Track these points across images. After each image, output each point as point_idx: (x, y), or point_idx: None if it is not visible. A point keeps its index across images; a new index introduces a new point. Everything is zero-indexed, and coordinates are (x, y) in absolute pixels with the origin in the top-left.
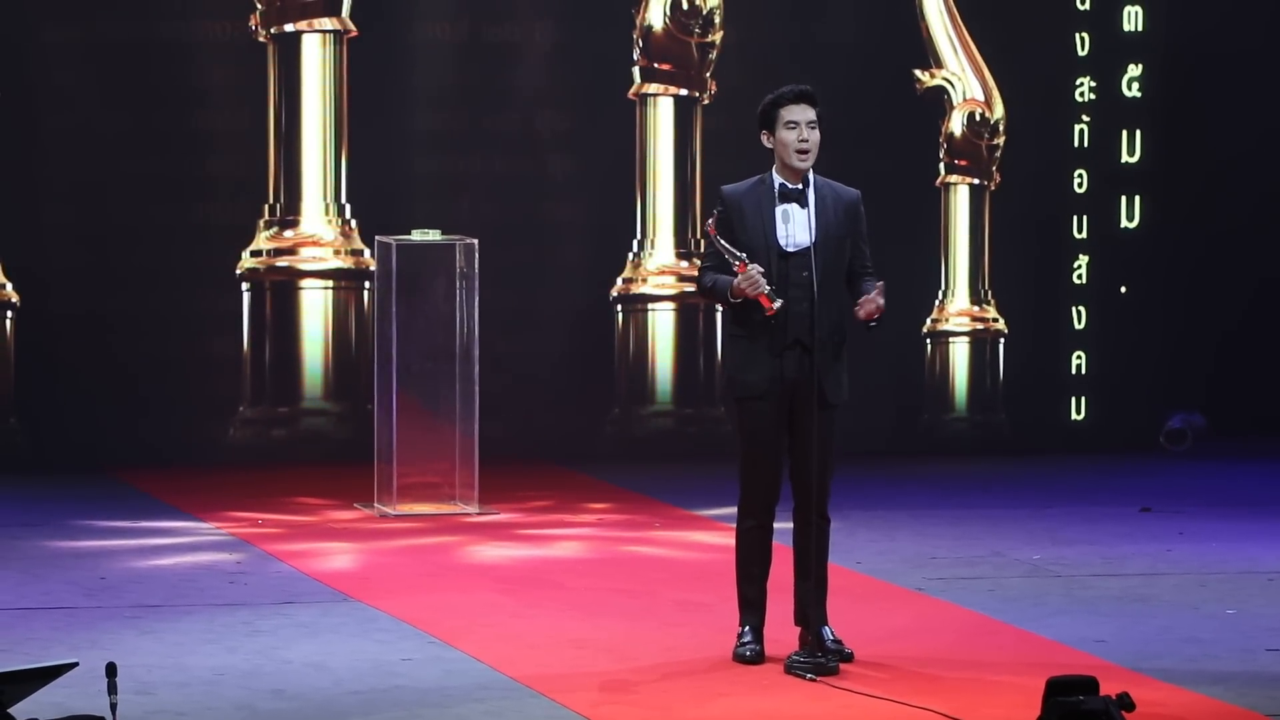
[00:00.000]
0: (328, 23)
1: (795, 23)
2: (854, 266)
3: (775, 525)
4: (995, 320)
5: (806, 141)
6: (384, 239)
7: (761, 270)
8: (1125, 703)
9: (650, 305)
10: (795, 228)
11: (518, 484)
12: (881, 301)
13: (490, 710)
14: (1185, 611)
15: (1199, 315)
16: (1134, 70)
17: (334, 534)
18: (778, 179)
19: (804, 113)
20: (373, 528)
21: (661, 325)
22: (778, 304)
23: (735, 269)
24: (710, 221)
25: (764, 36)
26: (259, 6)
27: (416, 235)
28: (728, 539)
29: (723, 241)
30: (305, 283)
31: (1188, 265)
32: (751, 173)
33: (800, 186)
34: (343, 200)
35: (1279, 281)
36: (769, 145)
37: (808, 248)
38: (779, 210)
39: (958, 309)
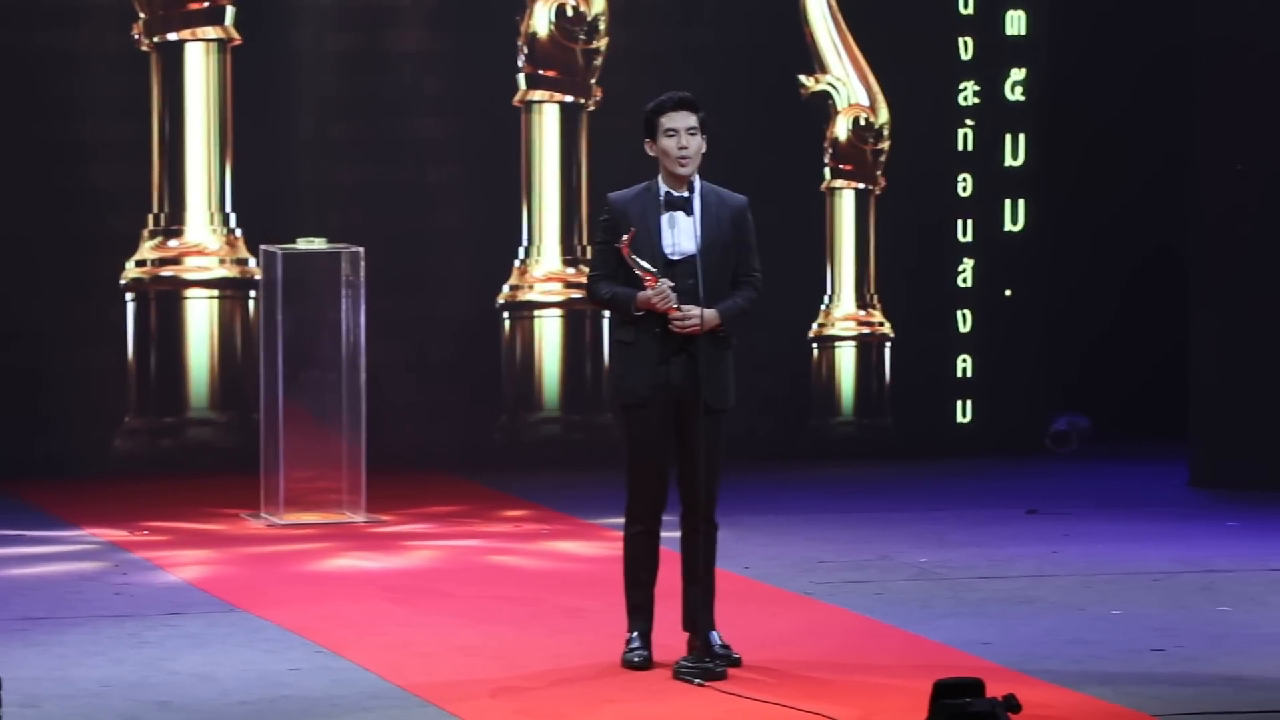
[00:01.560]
0: (211, 31)
1: (681, 28)
2: (738, 274)
3: (664, 531)
4: (881, 324)
5: (686, 149)
6: (269, 248)
7: (672, 285)
8: (1011, 704)
9: (537, 312)
10: (680, 235)
11: (405, 492)
12: (699, 320)
13: (379, 719)
14: (1071, 613)
15: (1083, 317)
16: (1017, 74)
17: (221, 544)
18: (663, 186)
19: (684, 120)
20: (260, 537)
21: (549, 332)
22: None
23: (646, 283)
24: (625, 239)
25: (650, 42)
26: (142, 15)
27: (302, 244)
28: (616, 545)
29: (635, 257)
30: (190, 292)
31: (1072, 268)
32: (639, 179)
33: (685, 194)
34: (227, 209)
35: (1163, 283)
36: (652, 153)
37: (693, 255)
38: (664, 218)
39: (844, 313)
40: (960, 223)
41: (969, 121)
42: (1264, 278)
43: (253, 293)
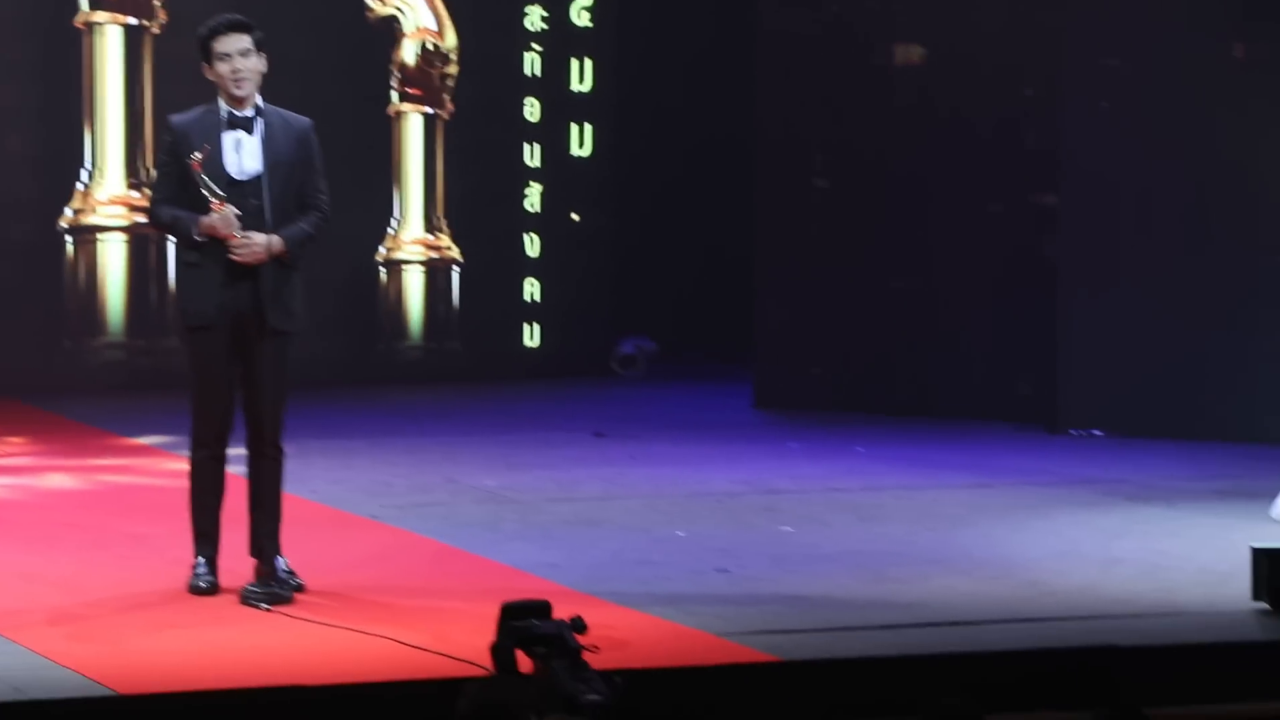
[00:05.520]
0: None
1: None
2: (304, 196)
3: (231, 456)
4: (449, 248)
5: (239, 71)
6: None
7: (238, 212)
8: (578, 625)
9: (100, 236)
10: (244, 156)
11: None
12: (262, 248)
13: None
14: (637, 534)
15: (649, 241)
16: None
17: None
18: (224, 108)
19: (236, 42)
20: None
21: (113, 256)
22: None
23: (211, 206)
24: (198, 156)
25: None
26: None
27: None
28: (181, 470)
29: (204, 177)
30: None
31: (639, 192)
32: (205, 101)
33: (249, 114)
34: None
35: (728, 208)
36: (210, 77)
37: (257, 176)
38: (227, 137)
39: (412, 237)
40: (527, 147)
41: (536, 46)
42: (826, 198)
43: None
